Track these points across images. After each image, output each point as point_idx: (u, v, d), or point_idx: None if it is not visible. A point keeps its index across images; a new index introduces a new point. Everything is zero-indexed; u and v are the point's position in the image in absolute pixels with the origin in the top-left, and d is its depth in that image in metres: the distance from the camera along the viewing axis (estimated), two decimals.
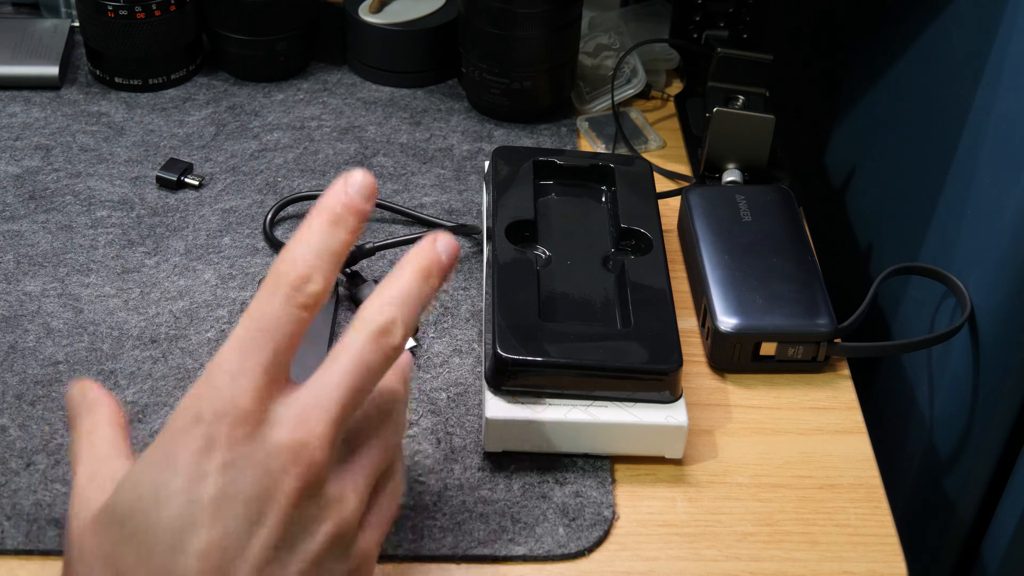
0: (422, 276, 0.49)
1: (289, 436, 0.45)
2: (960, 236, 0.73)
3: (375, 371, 0.47)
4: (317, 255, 0.47)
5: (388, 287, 0.48)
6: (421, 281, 0.48)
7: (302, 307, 0.46)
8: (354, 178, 0.48)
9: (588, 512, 0.62)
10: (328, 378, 0.47)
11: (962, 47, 0.76)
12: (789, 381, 0.70)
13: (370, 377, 0.47)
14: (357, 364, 0.47)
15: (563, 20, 0.85)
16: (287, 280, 0.46)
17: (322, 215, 0.48)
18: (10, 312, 0.72)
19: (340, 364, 0.47)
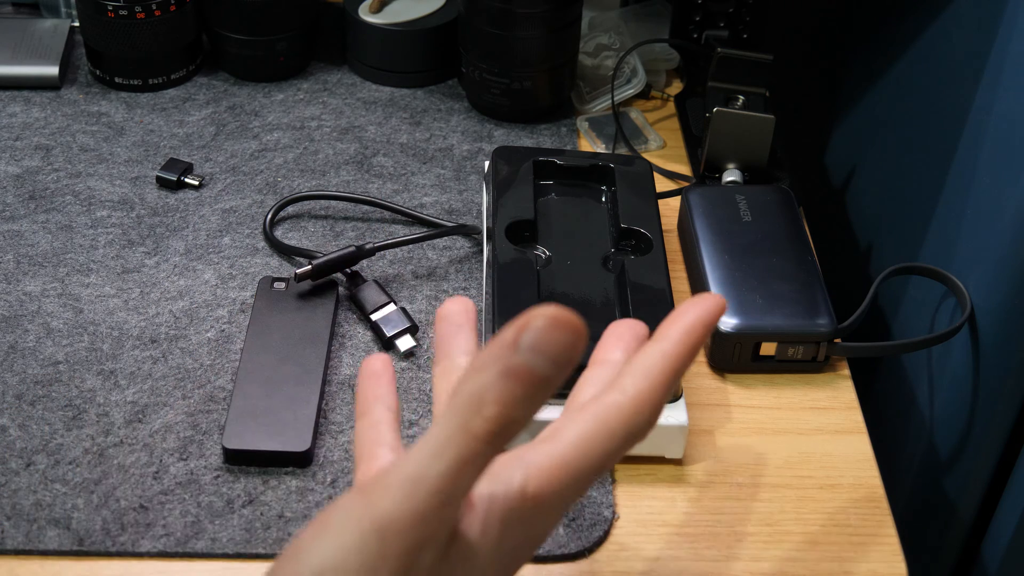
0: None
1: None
2: (960, 236, 0.73)
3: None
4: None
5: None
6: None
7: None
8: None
9: (588, 512, 0.62)
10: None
11: (962, 47, 0.76)
12: (789, 381, 0.70)
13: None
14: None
15: (563, 20, 0.85)
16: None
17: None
18: (10, 312, 0.72)
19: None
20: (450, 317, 0.54)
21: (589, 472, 0.45)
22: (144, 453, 0.64)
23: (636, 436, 0.46)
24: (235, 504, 0.62)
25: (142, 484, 0.63)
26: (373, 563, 0.41)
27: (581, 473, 0.45)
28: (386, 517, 0.41)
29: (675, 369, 0.47)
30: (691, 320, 0.47)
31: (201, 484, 0.63)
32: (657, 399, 0.46)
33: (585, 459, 0.45)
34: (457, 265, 0.77)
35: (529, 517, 0.45)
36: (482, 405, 0.41)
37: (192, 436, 0.65)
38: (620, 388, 0.46)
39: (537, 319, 0.40)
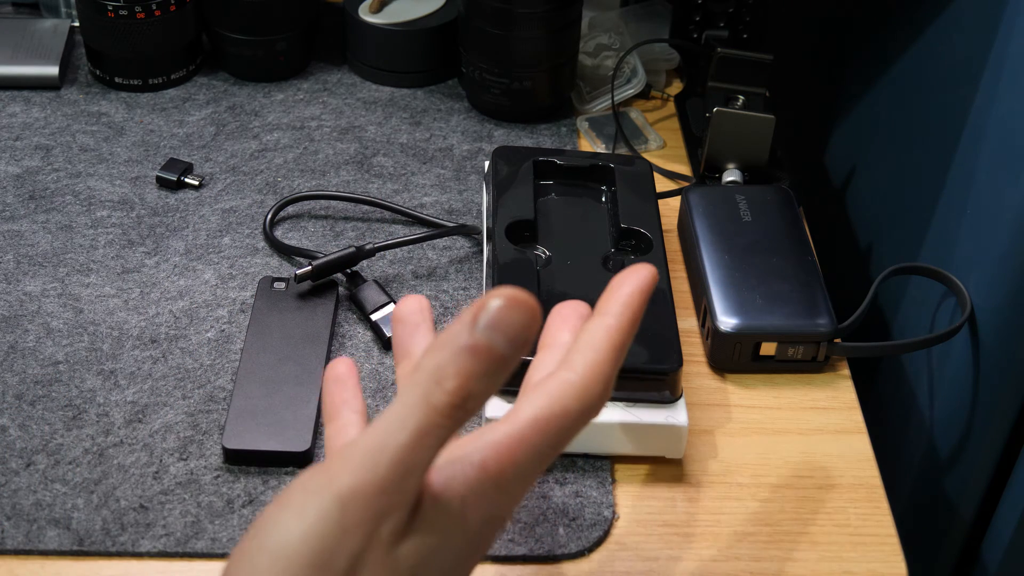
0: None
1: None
2: (960, 236, 0.73)
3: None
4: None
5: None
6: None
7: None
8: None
9: (588, 512, 0.62)
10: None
11: (962, 47, 0.76)
12: (789, 381, 0.70)
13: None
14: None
15: (563, 20, 0.85)
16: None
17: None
18: (10, 312, 0.72)
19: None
20: (406, 318, 0.55)
21: (546, 449, 0.46)
22: (144, 453, 0.64)
23: (589, 411, 0.47)
24: (235, 504, 0.62)
25: (142, 484, 0.63)
26: (335, 534, 0.41)
27: (538, 449, 0.46)
28: (347, 488, 0.42)
29: (620, 341, 0.48)
30: (628, 292, 0.49)
31: (201, 484, 0.63)
32: (606, 372, 0.47)
33: (541, 435, 0.46)
34: (457, 265, 0.77)
35: (491, 494, 0.45)
36: (443, 379, 0.42)
37: (192, 436, 0.65)
38: (569, 366, 0.47)
39: (494, 299, 0.42)
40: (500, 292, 0.42)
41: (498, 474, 0.45)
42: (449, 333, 0.43)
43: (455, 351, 0.42)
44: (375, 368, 0.69)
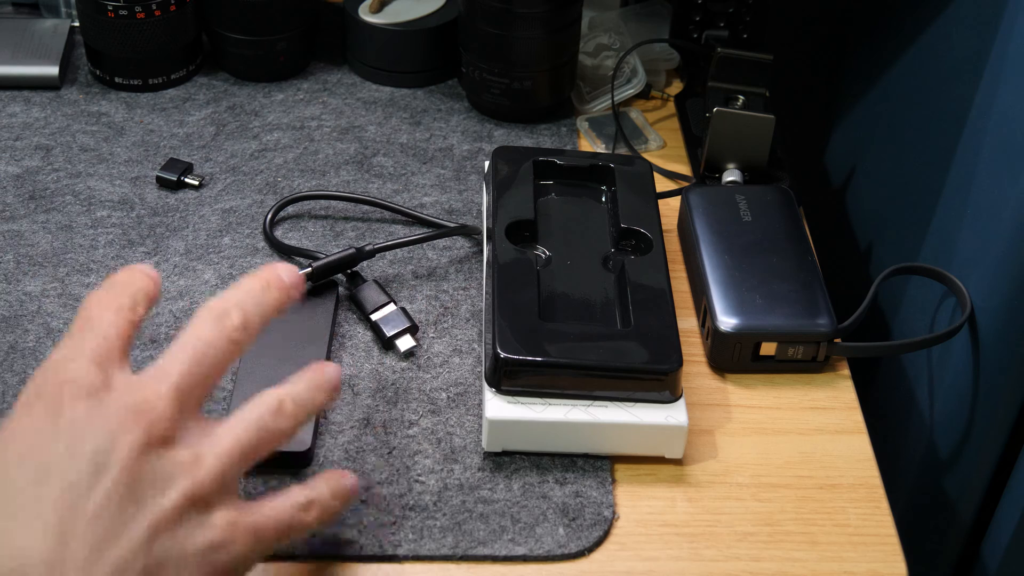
0: (261, 283, 0.55)
1: (130, 397, 0.49)
2: (960, 236, 0.73)
3: (213, 343, 0.52)
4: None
5: (229, 290, 0.55)
6: (260, 288, 0.55)
7: (131, 315, 0.53)
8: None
9: (588, 512, 0.62)
10: (169, 352, 0.52)
11: (962, 47, 0.76)
12: (789, 381, 0.70)
13: (208, 349, 0.52)
14: (192, 337, 0.52)
15: (563, 20, 0.85)
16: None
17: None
18: (10, 312, 0.72)
19: (179, 340, 0.52)
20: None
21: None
22: None
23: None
24: None
25: None
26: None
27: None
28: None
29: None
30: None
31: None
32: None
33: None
34: (457, 265, 0.77)
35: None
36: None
37: None
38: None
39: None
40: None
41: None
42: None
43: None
44: (375, 368, 0.69)
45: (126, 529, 0.47)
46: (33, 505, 0.47)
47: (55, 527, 0.46)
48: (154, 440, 0.49)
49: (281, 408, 0.53)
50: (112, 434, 0.48)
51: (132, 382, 0.51)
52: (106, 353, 0.51)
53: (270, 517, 0.52)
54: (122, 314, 0.53)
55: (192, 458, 0.50)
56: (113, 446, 0.48)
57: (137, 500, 0.48)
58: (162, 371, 0.51)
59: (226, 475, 0.51)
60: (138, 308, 0.54)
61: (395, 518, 0.61)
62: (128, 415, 0.49)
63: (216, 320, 0.53)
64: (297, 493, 0.54)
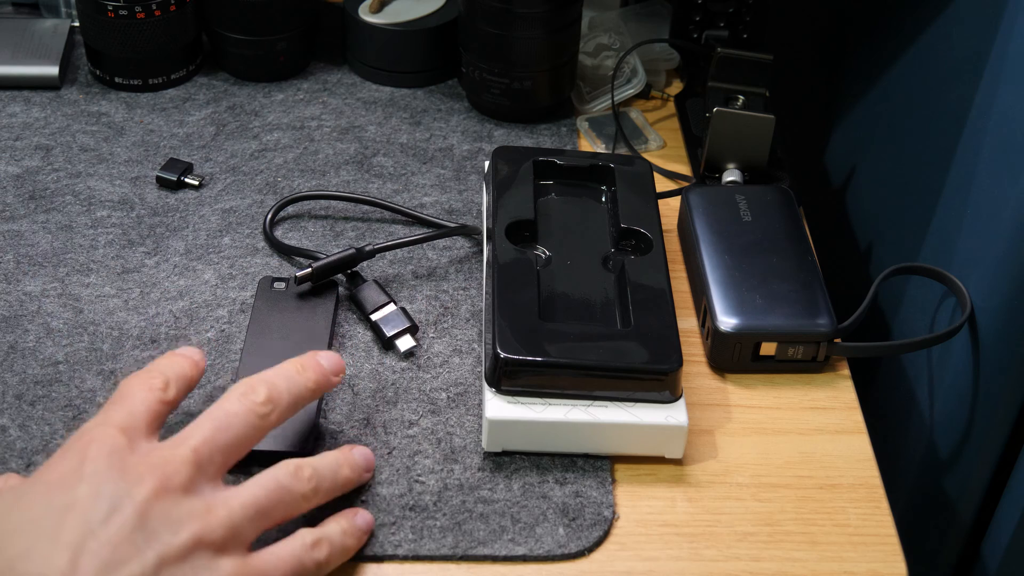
0: (297, 366, 0.59)
1: (151, 456, 0.54)
2: (960, 236, 0.73)
3: (236, 415, 0.56)
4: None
5: (265, 371, 0.59)
6: (295, 369, 0.59)
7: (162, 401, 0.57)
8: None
9: (588, 512, 0.62)
10: (194, 422, 0.56)
11: (962, 47, 0.76)
12: (789, 381, 0.70)
13: (231, 420, 0.56)
14: (217, 408, 0.56)
15: (563, 20, 0.85)
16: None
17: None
18: (10, 312, 0.72)
19: (206, 412, 0.56)
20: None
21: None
22: None
23: None
24: None
25: None
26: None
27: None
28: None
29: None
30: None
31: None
32: None
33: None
34: (457, 265, 0.77)
35: None
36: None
37: None
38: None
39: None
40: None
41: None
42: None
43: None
44: (375, 368, 0.69)
45: (136, 556, 0.50)
46: (52, 531, 0.50)
47: (70, 546, 0.50)
48: (169, 489, 0.53)
49: (298, 472, 0.57)
50: (130, 483, 0.52)
51: (154, 447, 0.55)
52: (133, 424, 0.55)
53: (278, 562, 0.55)
54: (153, 394, 0.57)
55: (204, 507, 0.53)
56: (129, 491, 0.52)
57: (148, 533, 0.51)
58: (183, 437, 0.55)
59: (237, 527, 0.53)
60: (170, 389, 0.58)
61: (395, 518, 0.61)
62: (146, 468, 0.53)
63: (243, 395, 0.57)
64: (304, 534, 0.56)
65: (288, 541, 0.56)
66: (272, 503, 0.55)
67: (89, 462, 0.53)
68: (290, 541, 0.56)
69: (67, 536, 0.50)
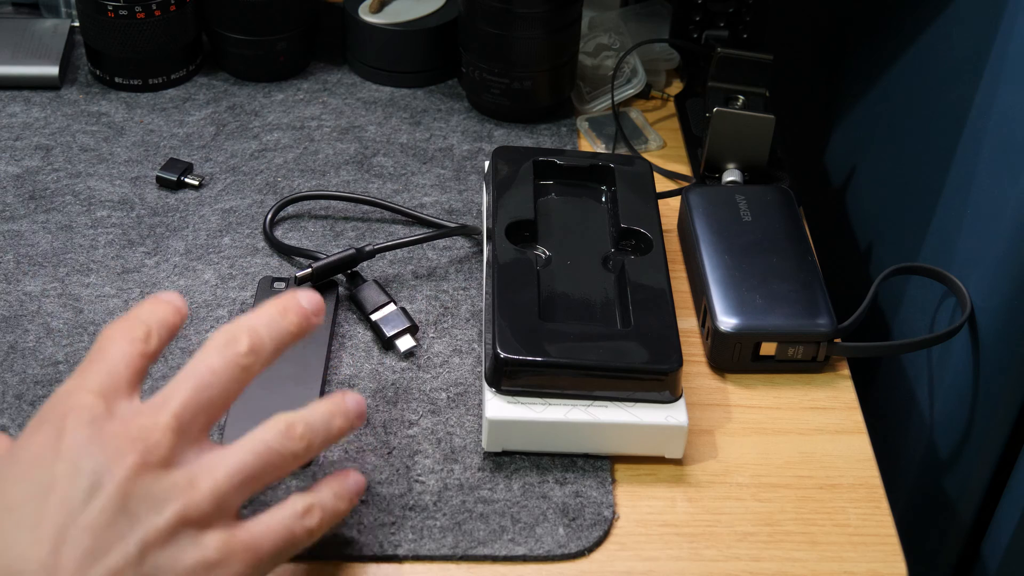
0: (278, 308, 0.55)
1: (131, 424, 0.51)
2: (960, 236, 0.73)
3: (219, 370, 0.53)
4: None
5: (244, 315, 0.55)
6: (277, 312, 0.55)
7: (143, 348, 0.54)
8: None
9: (588, 512, 0.62)
10: (174, 380, 0.53)
11: (962, 47, 0.76)
12: (789, 381, 0.70)
13: (212, 377, 0.52)
14: (198, 364, 0.53)
15: (563, 20, 0.85)
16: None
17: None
18: (10, 312, 0.72)
19: (186, 367, 0.53)
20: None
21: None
22: None
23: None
24: None
25: None
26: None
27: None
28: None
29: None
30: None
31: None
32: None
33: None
34: (457, 265, 0.77)
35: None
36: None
37: None
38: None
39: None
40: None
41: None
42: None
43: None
44: (375, 368, 0.69)
45: (119, 541, 0.49)
46: (33, 518, 0.49)
47: (51, 535, 0.48)
48: (150, 463, 0.50)
49: (290, 430, 0.54)
50: (110, 458, 0.50)
51: (134, 411, 0.52)
52: (112, 385, 0.52)
53: (267, 532, 0.52)
54: (135, 345, 0.54)
55: (188, 480, 0.51)
56: (110, 468, 0.50)
57: (130, 516, 0.49)
58: (164, 399, 0.52)
59: (223, 498, 0.51)
60: (152, 339, 0.54)
61: (395, 518, 0.61)
62: (126, 441, 0.50)
63: (224, 346, 0.53)
64: (295, 501, 0.54)
65: (278, 509, 0.54)
66: (262, 467, 0.52)
67: (67, 434, 0.50)
68: (280, 509, 0.54)
69: (47, 524, 0.48)
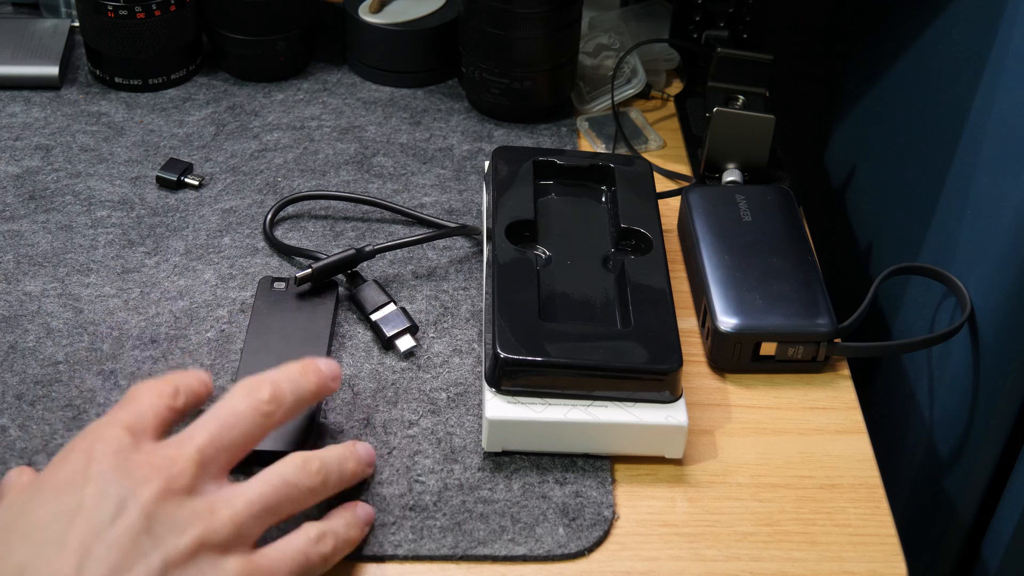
0: (299, 368, 0.59)
1: (156, 455, 0.54)
2: (960, 236, 0.73)
3: (241, 414, 0.56)
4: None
5: (267, 371, 0.59)
6: (297, 371, 0.59)
7: (170, 406, 0.58)
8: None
9: (588, 512, 0.62)
10: (198, 420, 0.56)
11: (962, 47, 0.76)
12: (789, 381, 0.70)
13: (235, 419, 0.56)
14: (222, 407, 0.56)
15: (563, 20, 0.85)
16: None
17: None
18: (10, 312, 0.72)
19: (210, 409, 0.56)
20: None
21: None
22: None
23: None
24: None
25: None
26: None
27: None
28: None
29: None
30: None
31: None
32: None
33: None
34: (457, 265, 0.77)
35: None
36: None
37: None
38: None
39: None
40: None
41: None
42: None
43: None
44: (375, 368, 0.70)
45: (141, 560, 0.51)
46: (59, 536, 0.51)
47: (76, 552, 0.50)
48: (174, 490, 0.53)
49: (306, 466, 0.57)
50: (135, 484, 0.52)
51: (159, 445, 0.55)
52: (139, 426, 0.55)
53: (283, 558, 0.55)
54: (163, 400, 0.57)
55: (208, 508, 0.53)
56: (135, 493, 0.52)
57: (153, 537, 0.51)
58: (188, 435, 0.55)
59: (242, 527, 0.53)
60: (179, 397, 0.58)
61: (395, 518, 0.61)
62: (151, 470, 0.53)
63: (247, 393, 0.57)
64: (308, 528, 0.57)
65: (293, 536, 0.56)
66: (279, 500, 0.55)
67: (95, 463, 0.53)
68: (295, 536, 0.56)
69: (73, 541, 0.50)
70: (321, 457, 0.58)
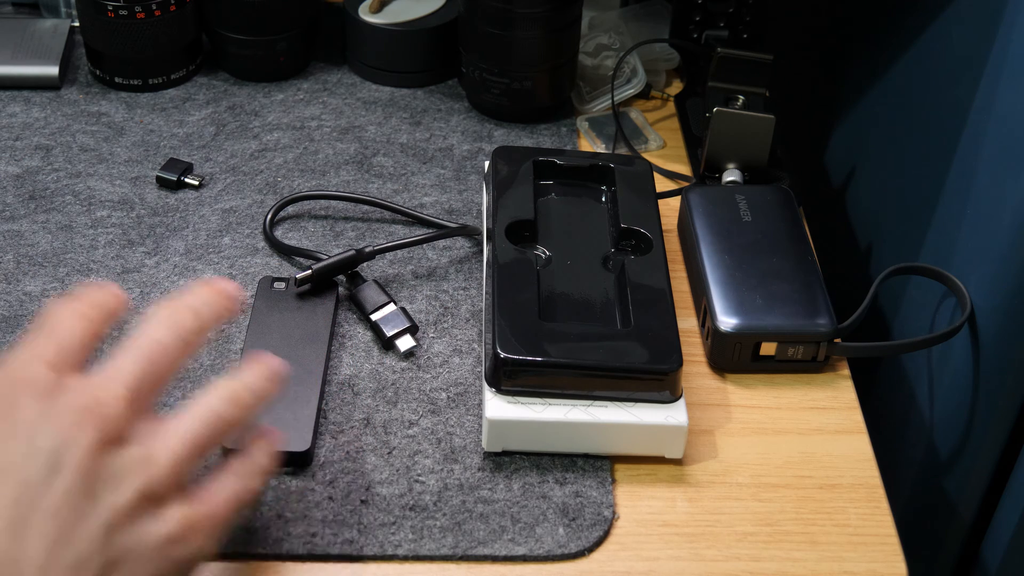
0: (212, 290, 0.56)
1: (84, 397, 0.50)
2: (960, 236, 0.73)
3: (167, 344, 0.52)
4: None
5: (179, 295, 0.55)
6: (212, 294, 0.55)
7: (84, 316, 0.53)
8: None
9: (588, 512, 0.62)
10: (122, 352, 0.52)
11: (962, 47, 0.76)
12: (789, 381, 0.70)
13: (162, 350, 0.52)
14: (146, 337, 0.53)
15: (563, 20, 0.85)
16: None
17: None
18: (10, 312, 0.72)
19: (133, 339, 0.53)
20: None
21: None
22: None
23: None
24: None
25: None
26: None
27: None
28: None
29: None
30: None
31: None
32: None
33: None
34: (457, 265, 0.77)
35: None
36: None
37: None
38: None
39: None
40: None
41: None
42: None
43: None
44: (375, 368, 0.69)
45: (83, 525, 0.48)
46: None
47: (11, 524, 0.47)
48: (108, 439, 0.49)
49: (236, 398, 0.54)
50: (66, 434, 0.49)
51: (85, 383, 0.51)
52: (62, 358, 0.51)
53: (221, 497, 0.53)
54: (83, 322, 0.53)
55: (145, 455, 0.50)
56: (67, 446, 0.48)
57: (92, 497, 0.48)
58: (115, 371, 0.51)
59: (179, 470, 0.51)
60: (98, 319, 0.54)
61: (395, 518, 0.61)
62: (82, 415, 0.49)
63: (170, 321, 0.53)
64: (236, 464, 0.55)
65: (223, 473, 0.54)
66: (212, 435, 0.53)
67: (21, 411, 0.49)
68: (225, 473, 0.54)
69: (6, 510, 0.47)
70: (248, 387, 0.54)
